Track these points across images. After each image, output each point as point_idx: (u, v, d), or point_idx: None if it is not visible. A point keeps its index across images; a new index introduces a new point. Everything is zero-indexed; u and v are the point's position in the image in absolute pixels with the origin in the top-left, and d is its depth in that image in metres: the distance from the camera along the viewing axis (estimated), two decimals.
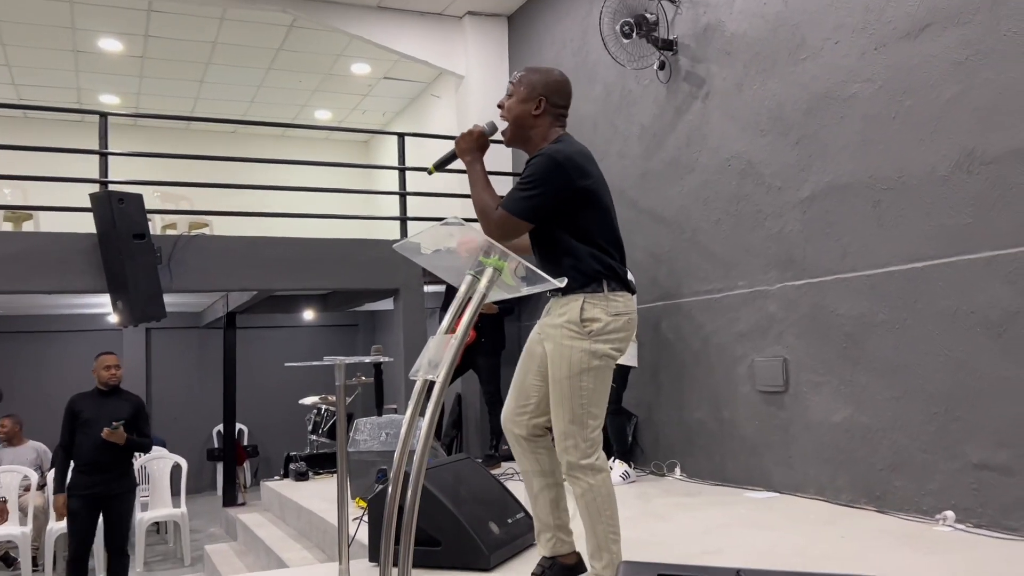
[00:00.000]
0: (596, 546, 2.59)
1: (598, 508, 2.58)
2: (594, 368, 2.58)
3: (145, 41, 8.46)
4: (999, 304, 3.56)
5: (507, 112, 2.75)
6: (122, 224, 5.49)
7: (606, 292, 2.60)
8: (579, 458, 2.57)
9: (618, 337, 2.62)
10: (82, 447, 5.33)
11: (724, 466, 5.19)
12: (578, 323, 2.59)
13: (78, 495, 5.31)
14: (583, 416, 2.58)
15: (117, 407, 5.45)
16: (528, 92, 2.71)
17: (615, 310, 2.61)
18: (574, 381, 2.57)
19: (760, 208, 4.91)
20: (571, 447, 2.57)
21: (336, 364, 3.18)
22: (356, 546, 3.62)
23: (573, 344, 2.58)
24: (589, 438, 2.59)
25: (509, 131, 2.77)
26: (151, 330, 11.37)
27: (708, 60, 5.34)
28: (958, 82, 3.75)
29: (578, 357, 2.57)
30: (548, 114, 2.72)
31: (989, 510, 3.59)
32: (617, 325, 2.60)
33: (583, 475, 2.58)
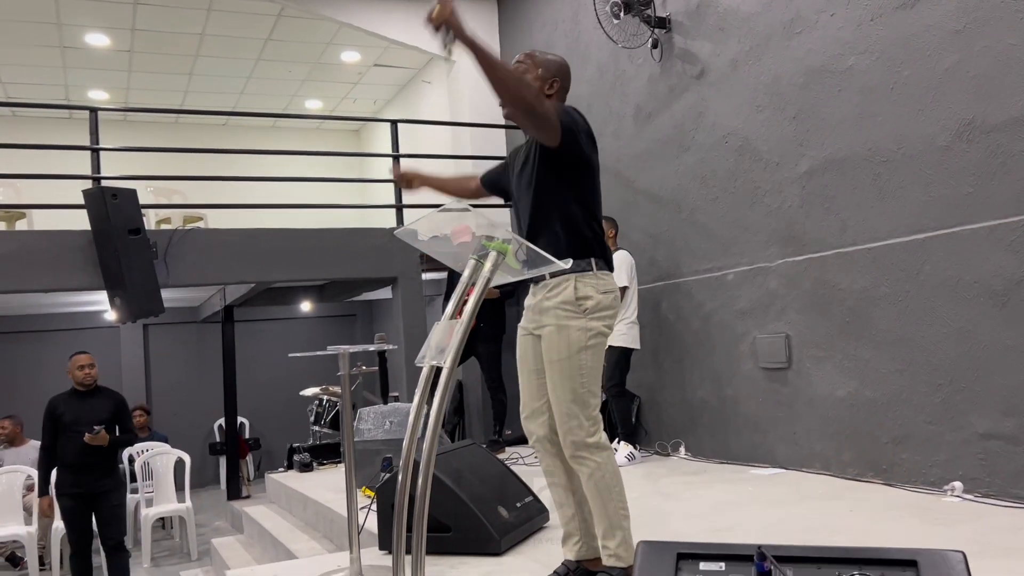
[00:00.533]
0: (608, 525, 2.59)
1: (608, 486, 2.58)
2: (591, 346, 2.61)
3: (132, 35, 8.38)
4: (1002, 273, 3.55)
5: None
6: (116, 220, 5.45)
7: (595, 271, 2.64)
8: (585, 436, 2.58)
9: (610, 314, 2.66)
10: (66, 449, 5.33)
11: (728, 444, 5.19)
12: (573, 302, 2.61)
13: (66, 494, 5.35)
14: (584, 395, 2.59)
15: (97, 406, 5.43)
16: (545, 72, 2.76)
17: (604, 287, 2.65)
18: (574, 360, 2.59)
19: (758, 185, 4.89)
20: (575, 427, 2.58)
21: (340, 353, 3.15)
22: (365, 535, 3.61)
23: (570, 323, 2.60)
24: (592, 416, 2.60)
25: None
26: (149, 326, 11.33)
27: (702, 37, 5.30)
28: (956, 51, 3.73)
29: (576, 336, 2.59)
30: (557, 96, 2.79)
31: (997, 479, 3.59)
32: (607, 302, 2.65)
33: (590, 454, 2.58)
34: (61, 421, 5.33)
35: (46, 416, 5.36)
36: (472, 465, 3.58)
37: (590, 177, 2.71)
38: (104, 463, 5.44)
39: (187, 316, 11.29)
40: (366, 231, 6.71)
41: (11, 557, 7.21)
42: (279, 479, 6.08)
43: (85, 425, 5.26)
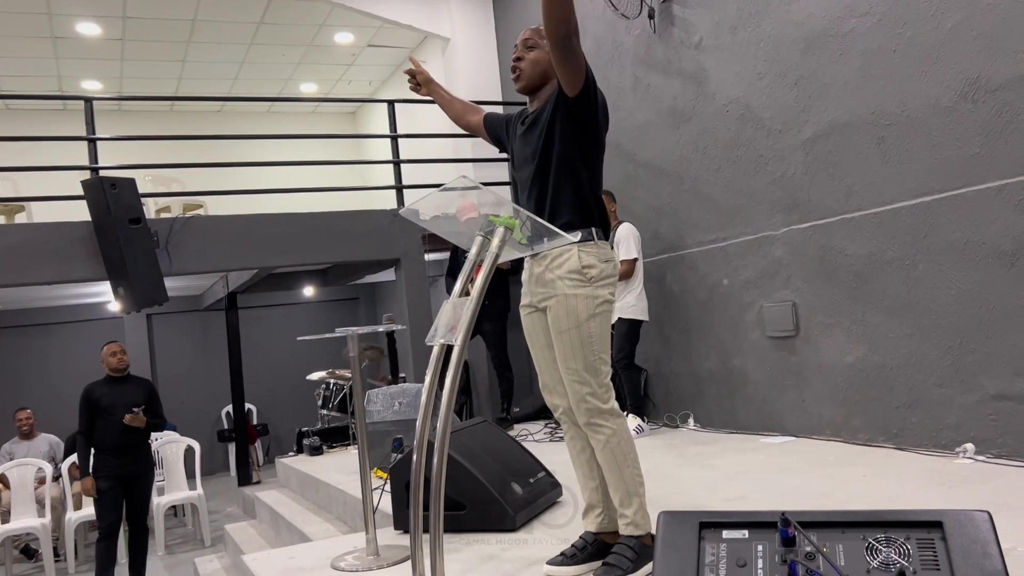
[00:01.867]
0: (625, 492, 2.58)
1: (623, 452, 2.58)
2: (599, 314, 2.61)
3: (123, 23, 8.30)
4: (1011, 233, 3.53)
5: (530, 65, 2.73)
6: (117, 210, 5.43)
7: (596, 240, 2.63)
8: (599, 403, 2.58)
9: (612, 281, 2.67)
10: (105, 432, 5.53)
11: (737, 414, 5.19)
12: (579, 271, 2.60)
13: (104, 476, 5.52)
14: (595, 362, 2.59)
15: (131, 392, 5.66)
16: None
17: (605, 256, 2.65)
18: (583, 328, 2.58)
19: (761, 153, 4.85)
20: (589, 395, 2.58)
21: (348, 335, 3.14)
22: (379, 516, 3.62)
23: (577, 292, 2.59)
24: (604, 383, 2.60)
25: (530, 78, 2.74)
26: (152, 316, 11.34)
27: (700, 5, 5.24)
28: (960, 9, 3.68)
29: (584, 304, 2.59)
30: None
31: (1009, 439, 3.59)
32: (610, 270, 2.65)
33: (605, 421, 2.58)
34: (99, 405, 5.54)
35: (83, 403, 5.54)
36: (484, 442, 3.58)
37: (598, 145, 2.70)
38: (140, 446, 5.68)
39: (191, 304, 11.29)
40: (367, 213, 6.68)
41: (25, 549, 7.26)
42: (290, 463, 6.10)
43: (122, 409, 5.49)
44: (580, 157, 2.64)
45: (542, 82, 2.74)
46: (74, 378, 5.75)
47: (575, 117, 2.61)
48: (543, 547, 2.97)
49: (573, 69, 2.52)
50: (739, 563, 1.45)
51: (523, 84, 2.76)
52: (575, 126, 2.62)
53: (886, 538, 1.41)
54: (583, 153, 2.65)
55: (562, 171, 2.65)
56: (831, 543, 1.44)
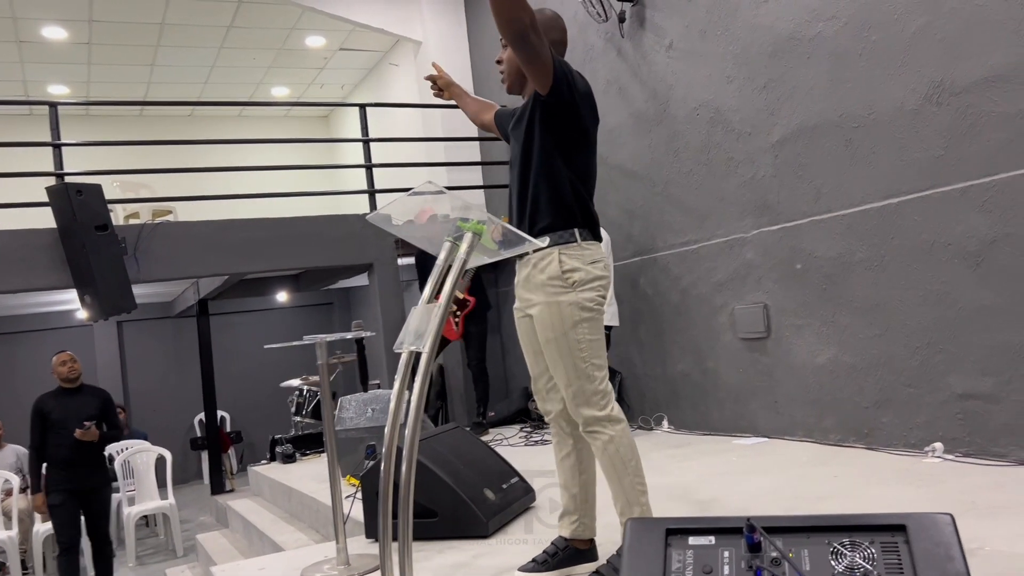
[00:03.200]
0: (626, 501, 2.50)
1: (622, 459, 2.48)
2: (586, 319, 2.50)
3: (90, 27, 8.19)
4: (975, 234, 3.57)
5: (508, 63, 2.67)
6: (83, 216, 5.35)
7: (579, 241, 2.52)
8: (596, 411, 2.49)
9: (601, 284, 2.55)
10: (56, 447, 5.38)
11: (710, 415, 5.21)
12: (560, 276, 2.50)
13: (57, 491, 5.39)
14: (587, 369, 2.49)
15: (84, 403, 5.52)
16: None
17: (591, 258, 2.54)
18: (569, 336, 2.49)
19: (731, 156, 4.88)
20: (583, 403, 2.50)
21: (317, 342, 3.11)
22: (351, 524, 3.59)
23: (560, 299, 2.50)
24: (599, 390, 2.50)
25: (511, 78, 2.68)
26: (123, 323, 11.20)
27: (670, 9, 5.26)
28: (924, 13, 3.72)
29: (568, 311, 2.49)
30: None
31: (977, 438, 3.63)
32: (597, 272, 2.54)
33: (602, 427, 2.49)
34: (49, 419, 5.40)
35: (34, 416, 5.40)
36: (456, 449, 3.56)
37: (581, 143, 2.58)
38: (94, 459, 5.52)
39: (161, 311, 11.17)
40: (339, 218, 6.64)
41: None
42: (262, 471, 6.04)
43: (73, 422, 5.34)
44: (561, 156, 2.54)
45: (522, 82, 2.67)
46: (42, 388, 5.64)
47: (552, 115, 2.52)
48: (516, 554, 2.96)
49: (538, 67, 2.43)
50: (705, 570, 1.45)
51: (507, 85, 2.70)
52: (553, 124, 2.53)
53: (851, 542, 1.42)
54: (564, 152, 2.55)
55: (542, 172, 2.55)
56: (797, 548, 1.44)
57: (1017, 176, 3.40)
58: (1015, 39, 3.38)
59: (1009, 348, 3.48)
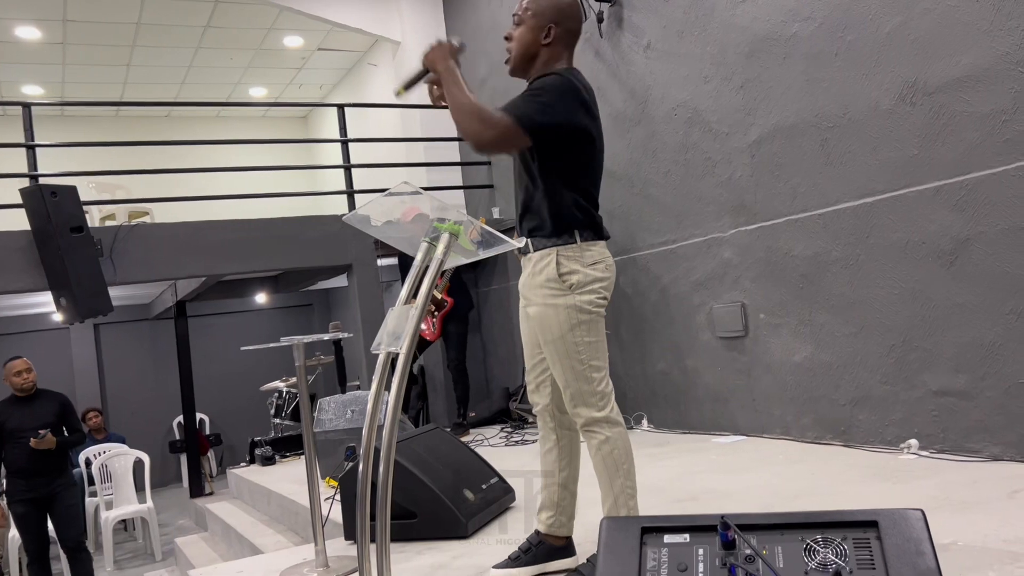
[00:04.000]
0: (614, 502, 2.49)
1: (616, 461, 2.47)
2: (584, 321, 2.47)
3: (64, 26, 8.11)
4: (949, 232, 3.61)
5: (515, 42, 2.54)
6: (57, 218, 5.29)
7: (579, 243, 2.47)
8: (594, 412, 2.48)
9: (602, 285, 2.50)
10: (14, 456, 5.28)
11: (690, 414, 5.24)
12: (557, 279, 2.46)
13: (19, 500, 5.28)
14: (585, 371, 2.47)
15: (40, 409, 5.39)
16: (538, 20, 2.49)
17: (591, 259, 2.49)
18: (567, 339, 2.46)
19: (709, 156, 4.90)
20: (580, 403, 2.49)
21: (294, 344, 3.10)
22: (330, 526, 3.57)
23: (557, 302, 2.46)
24: (597, 391, 2.49)
25: (513, 59, 2.55)
26: (99, 326, 11.09)
27: (647, 9, 5.28)
28: (897, 13, 3.76)
29: (565, 314, 2.46)
30: (559, 42, 2.51)
31: (951, 435, 3.67)
32: (596, 274, 2.49)
33: (599, 428, 2.48)
34: (5, 428, 5.27)
35: None
36: (435, 449, 3.55)
37: (586, 150, 2.49)
38: (55, 465, 5.39)
39: (139, 314, 11.07)
40: (318, 219, 6.61)
41: None
42: (241, 474, 6.00)
43: (29, 430, 5.21)
44: (552, 165, 2.47)
45: (527, 65, 2.54)
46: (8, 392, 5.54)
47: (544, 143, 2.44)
48: (495, 554, 2.95)
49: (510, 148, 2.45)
50: (680, 567, 1.46)
51: (511, 68, 2.56)
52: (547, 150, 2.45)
53: (824, 539, 1.43)
54: (561, 168, 2.47)
55: (540, 173, 2.48)
56: (770, 545, 1.45)
57: (989, 175, 3.44)
58: (987, 40, 3.42)
59: (982, 345, 3.52)
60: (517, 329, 5.83)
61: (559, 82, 2.40)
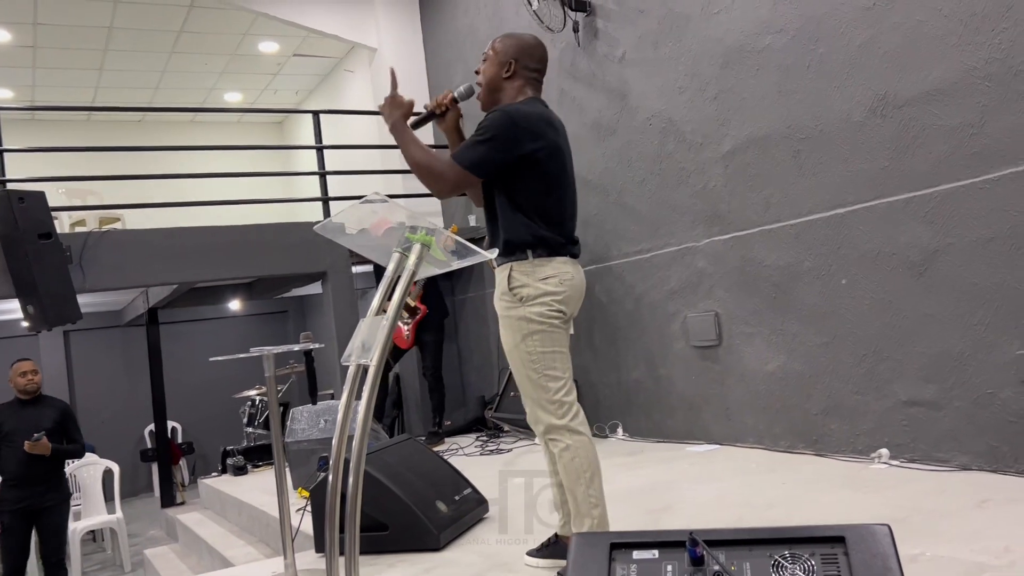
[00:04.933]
0: (577, 511, 2.55)
1: (576, 469, 2.53)
2: (535, 332, 2.57)
3: (35, 29, 8.00)
4: (919, 244, 3.65)
5: (482, 77, 2.77)
6: (25, 224, 5.20)
7: (531, 259, 2.60)
8: (552, 419, 2.56)
9: (553, 299, 2.59)
10: (7, 461, 5.14)
11: (664, 423, 5.24)
12: (508, 292, 2.61)
13: (8, 510, 5.13)
14: (539, 379, 2.57)
15: (40, 415, 5.28)
16: (499, 56, 2.73)
17: (542, 275, 2.60)
18: (520, 349, 2.59)
19: (683, 165, 4.93)
20: (539, 409, 2.58)
21: (264, 355, 3.06)
22: (301, 538, 3.54)
23: (510, 313, 2.61)
24: (555, 400, 2.56)
25: (483, 95, 2.77)
26: (70, 333, 10.94)
27: (622, 20, 5.30)
28: (868, 27, 3.80)
29: (517, 324, 2.59)
30: (519, 76, 2.73)
31: (921, 444, 3.70)
32: (548, 288, 2.59)
33: (559, 436, 2.56)
34: (2, 430, 5.14)
35: None
36: (408, 460, 3.53)
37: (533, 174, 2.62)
38: (49, 475, 5.23)
39: (110, 320, 10.93)
40: (292, 226, 6.56)
41: None
42: (212, 484, 5.93)
43: (27, 435, 5.06)
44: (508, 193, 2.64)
45: (493, 97, 2.75)
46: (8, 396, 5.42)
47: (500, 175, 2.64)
48: (467, 566, 2.94)
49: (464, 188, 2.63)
50: None
51: (481, 102, 2.76)
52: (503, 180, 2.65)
53: (791, 555, 1.43)
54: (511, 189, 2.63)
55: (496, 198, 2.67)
56: (739, 561, 1.45)
57: (958, 188, 3.48)
58: (955, 54, 3.46)
59: (951, 356, 3.56)
60: (493, 337, 5.85)
61: (499, 118, 2.57)
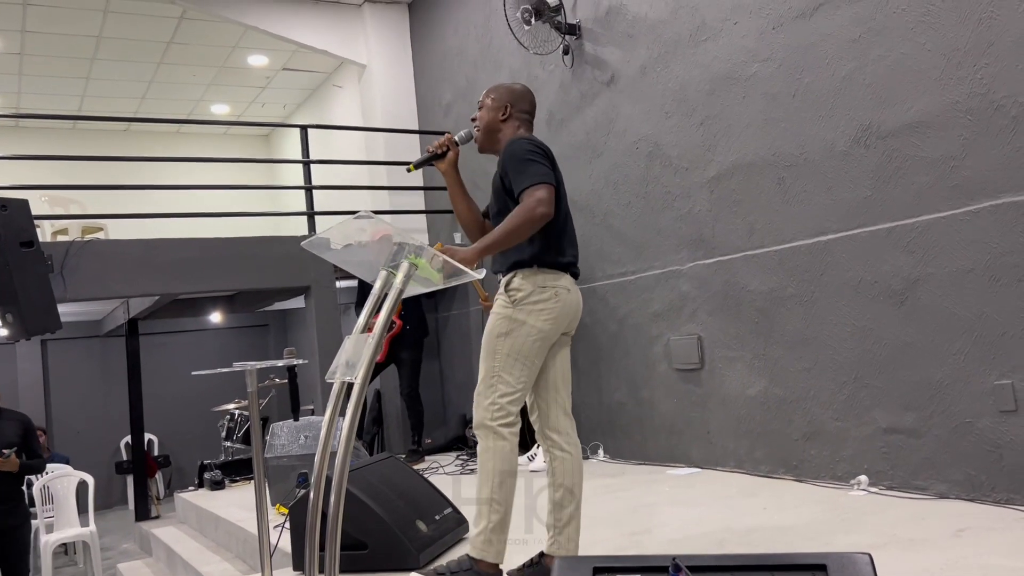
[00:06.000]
0: (477, 512, 2.69)
1: (486, 471, 2.66)
2: (510, 333, 2.70)
3: (22, 37, 7.97)
4: (900, 273, 3.69)
5: (479, 121, 2.98)
6: (6, 232, 5.15)
7: (535, 268, 2.74)
8: (486, 418, 2.69)
9: (544, 308, 2.71)
10: None
11: (646, 445, 5.25)
12: (504, 294, 2.77)
13: None
14: (493, 379, 2.69)
15: (3, 429, 5.05)
16: (495, 103, 2.96)
17: (540, 283, 2.74)
18: (492, 342, 2.72)
19: (669, 189, 4.97)
20: (478, 404, 2.71)
21: (247, 370, 3.05)
22: (279, 555, 3.50)
23: (499, 311, 2.75)
24: (497, 402, 2.67)
25: (480, 138, 2.98)
26: (47, 342, 10.81)
27: (611, 44, 5.36)
28: (853, 59, 3.86)
29: (499, 322, 2.73)
30: (514, 119, 2.95)
31: (900, 472, 3.73)
32: (542, 296, 2.72)
33: (483, 435, 2.69)
34: None
35: None
36: (388, 479, 3.51)
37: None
38: (12, 493, 5.02)
39: (89, 330, 10.82)
40: (276, 239, 6.54)
41: None
42: (189, 498, 5.87)
43: None
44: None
45: (492, 139, 2.96)
46: None
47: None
48: None
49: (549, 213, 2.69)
50: None
51: (479, 144, 2.99)
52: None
53: None
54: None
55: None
56: None
57: (939, 218, 3.54)
58: (938, 88, 3.53)
59: (930, 384, 3.59)
60: (475, 355, 5.83)
61: (522, 144, 2.78)
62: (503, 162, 2.78)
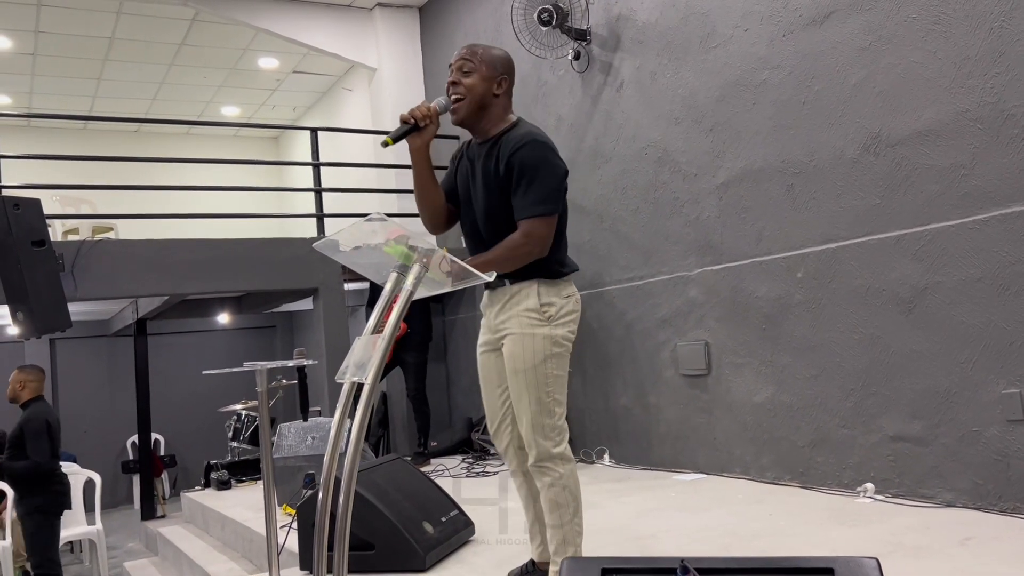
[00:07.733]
0: (562, 540, 2.52)
1: (566, 500, 2.52)
2: (556, 354, 2.55)
3: (36, 37, 8.02)
4: (908, 281, 3.69)
5: (467, 90, 2.56)
6: (19, 231, 5.20)
7: (555, 278, 2.59)
8: (551, 447, 2.52)
9: (573, 319, 2.62)
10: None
11: (651, 450, 5.25)
12: (537, 309, 2.54)
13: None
14: (550, 404, 2.54)
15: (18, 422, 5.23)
16: (491, 71, 2.59)
17: (566, 292, 2.61)
18: (539, 369, 2.53)
19: (677, 195, 4.98)
20: (540, 435, 2.52)
21: (257, 370, 3.07)
22: (285, 555, 3.52)
23: (535, 332, 2.53)
24: (557, 426, 2.55)
25: (465, 108, 2.57)
26: (56, 341, 10.86)
27: (621, 49, 5.37)
28: (863, 67, 3.87)
29: (541, 344, 2.53)
30: (507, 95, 2.65)
31: (906, 480, 3.72)
32: (570, 307, 2.61)
33: (553, 465, 2.52)
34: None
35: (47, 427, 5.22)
36: (396, 480, 3.53)
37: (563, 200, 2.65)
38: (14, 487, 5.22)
39: (97, 330, 10.86)
40: (285, 241, 6.57)
41: None
42: (195, 498, 5.89)
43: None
44: None
45: (479, 114, 2.59)
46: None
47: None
48: None
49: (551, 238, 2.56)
50: None
51: (462, 115, 2.58)
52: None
53: None
54: None
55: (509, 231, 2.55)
56: None
57: (947, 227, 3.54)
58: (947, 96, 3.53)
59: (937, 393, 3.59)
60: None
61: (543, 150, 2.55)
62: (522, 162, 2.50)
